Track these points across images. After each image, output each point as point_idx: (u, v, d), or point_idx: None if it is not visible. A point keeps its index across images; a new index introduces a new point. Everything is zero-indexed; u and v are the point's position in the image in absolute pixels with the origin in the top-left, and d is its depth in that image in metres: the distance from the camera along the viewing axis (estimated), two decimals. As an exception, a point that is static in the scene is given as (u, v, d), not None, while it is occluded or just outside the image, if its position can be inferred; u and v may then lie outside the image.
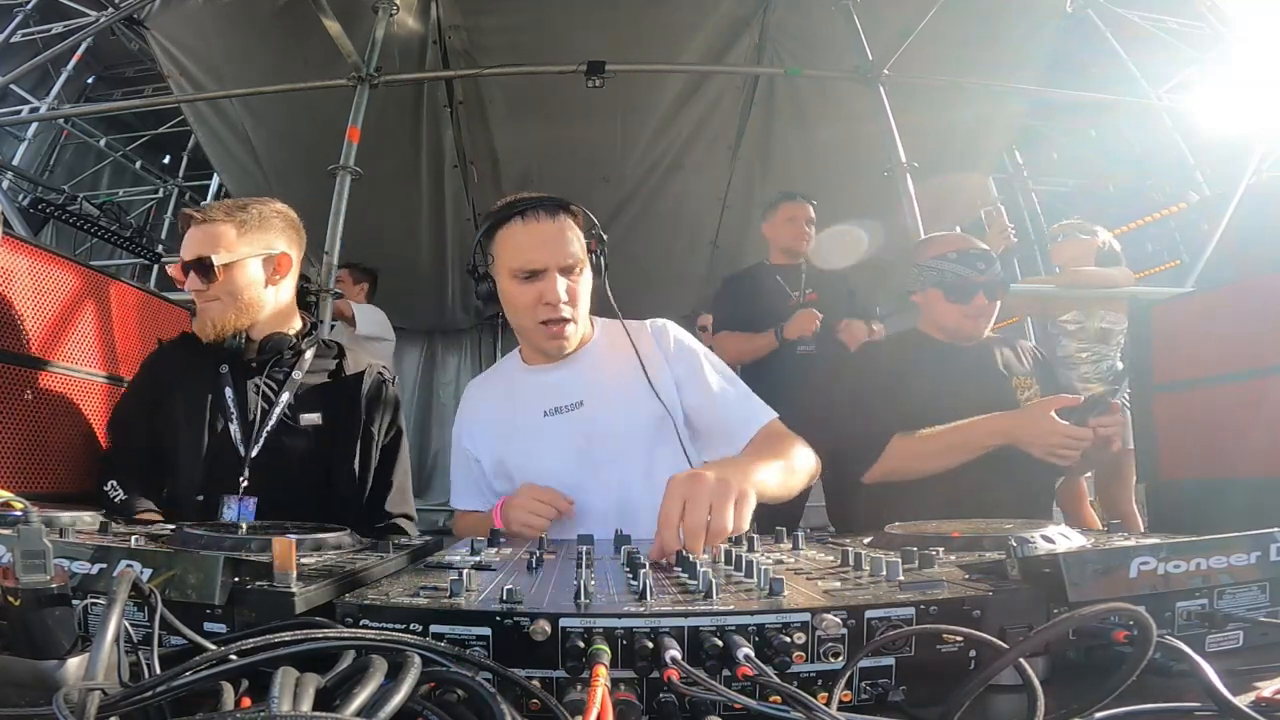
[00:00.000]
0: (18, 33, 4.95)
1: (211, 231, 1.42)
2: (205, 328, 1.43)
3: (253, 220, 1.46)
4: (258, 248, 1.45)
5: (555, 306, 1.26)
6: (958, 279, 1.67)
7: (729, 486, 0.86)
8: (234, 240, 1.42)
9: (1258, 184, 3.73)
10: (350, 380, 1.52)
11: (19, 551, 0.47)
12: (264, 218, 1.48)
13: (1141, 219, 6.08)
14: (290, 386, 1.47)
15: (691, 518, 0.82)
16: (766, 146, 4.47)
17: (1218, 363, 1.57)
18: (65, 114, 5.86)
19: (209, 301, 1.42)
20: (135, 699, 0.42)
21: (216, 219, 1.43)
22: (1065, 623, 0.53)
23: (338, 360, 1.56)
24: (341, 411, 1.49)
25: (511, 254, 1.27)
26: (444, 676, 0.48)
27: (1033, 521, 0.95)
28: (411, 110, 4.15)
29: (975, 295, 1.66)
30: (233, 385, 1.44)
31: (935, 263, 1.70)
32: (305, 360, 1.51)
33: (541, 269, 1.25)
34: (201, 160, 5.93)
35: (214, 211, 1.44)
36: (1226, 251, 3.52)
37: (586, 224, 1.32)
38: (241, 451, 1.41)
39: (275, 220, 1.50)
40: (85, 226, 4.98)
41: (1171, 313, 1.77)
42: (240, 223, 1.44)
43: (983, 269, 1.66)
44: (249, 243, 1.44)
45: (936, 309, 1.72)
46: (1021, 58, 4.03)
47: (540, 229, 1.25)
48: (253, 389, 1.45)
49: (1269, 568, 0.67)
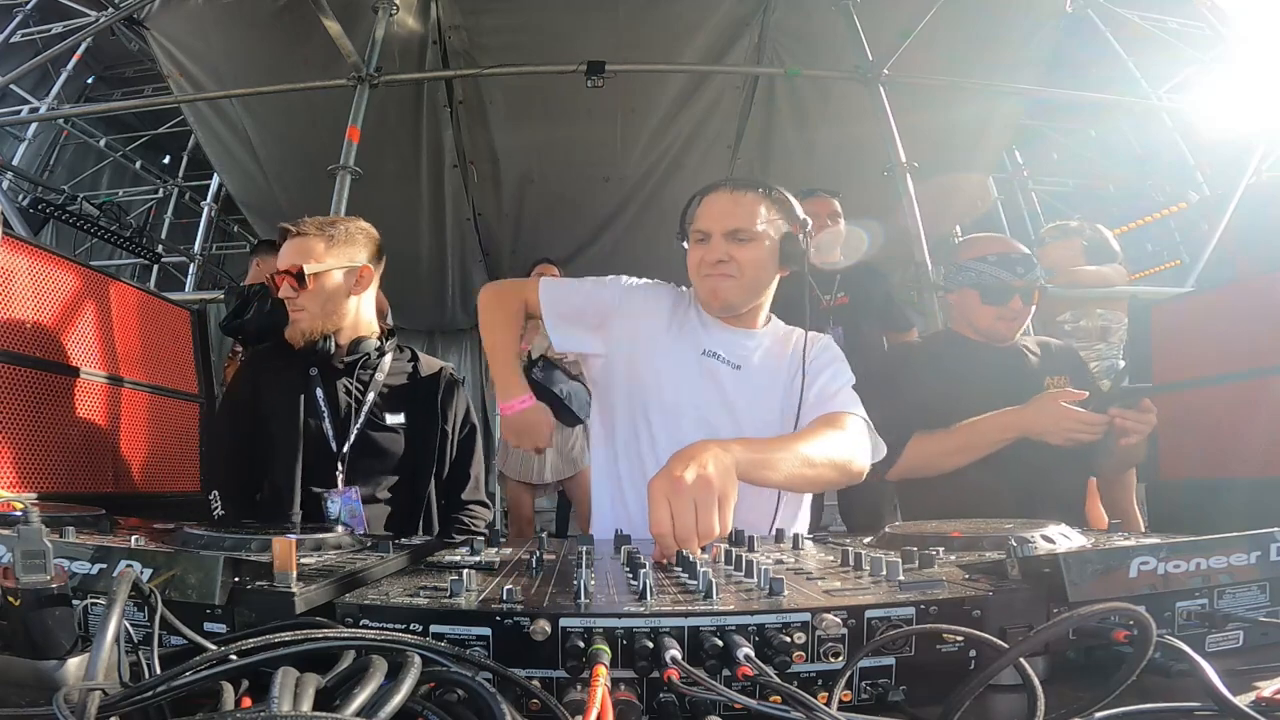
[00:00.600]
0: (18, 33, 4.95)
1: (304, 245, 1.56)
2: (296, 335, 1.57)
3: (340, 235, 1.60)
4: (343, 260, 1.59)
5: (712, 265, 1.34)
6: (996, 281, 1.67)
7: (710, 488, 0.87)
8: (323, 252, 1.56)
9: (1258, 184, 3.72)
10: (426, 381, 1.67)
11: (19, 551, 0.47)
12: (349, 234, 1.62)
13: (1141, 219, 6.07)
14: (375, 387, 1.60)
15: (680, 524, 0.84)
16: (766, 146, 4.46)
17: (1217, 363, 1.57)
18: (65, 114, 5.85)
19: (299, 311, 1.56)
20: (135, 699, 0.42)
21: (309, 233, 1.57)
22: (1065, 623, 0.53)
23: (413, 363, 1.70)
24: (420, 410, 1.64)
25: (694, 219, 1.39)
26: (444, 676, 0.48)
27: (1033, 521, 0.95)
28: (411, 110, 4.14)
29: (1011, 299, 1.67)
30: (323, 386, 1.57)
31: (974, 264, 1.71)
32: (386, 363, 1.63)
33: (708, 232, 1.35)
34: (201, 160, 5.92)
35: (306, 227, 1.59)
36: (1226, 251, 3.52)
37: (785, 210, 1.39)
38: (335, 447, 1.53)
39: (359, 236, 1.64)
40: (85, 226, 4.98)
41: (1171, 313, 1.77)
42: (329, 237, 1.58)
43: (1021, 273, 1.66)
44: (335, 255, 1.58)
45: (971, 310, 1.73)
46: (1021, 58, 4.03)
47: (721, 199, 1.36)
48: (342, 389, 1.58)
49: (1269, 568, 0.67)
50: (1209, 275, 3.56)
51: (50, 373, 1.54)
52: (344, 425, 1.55)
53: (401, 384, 1.64)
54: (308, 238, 1.57)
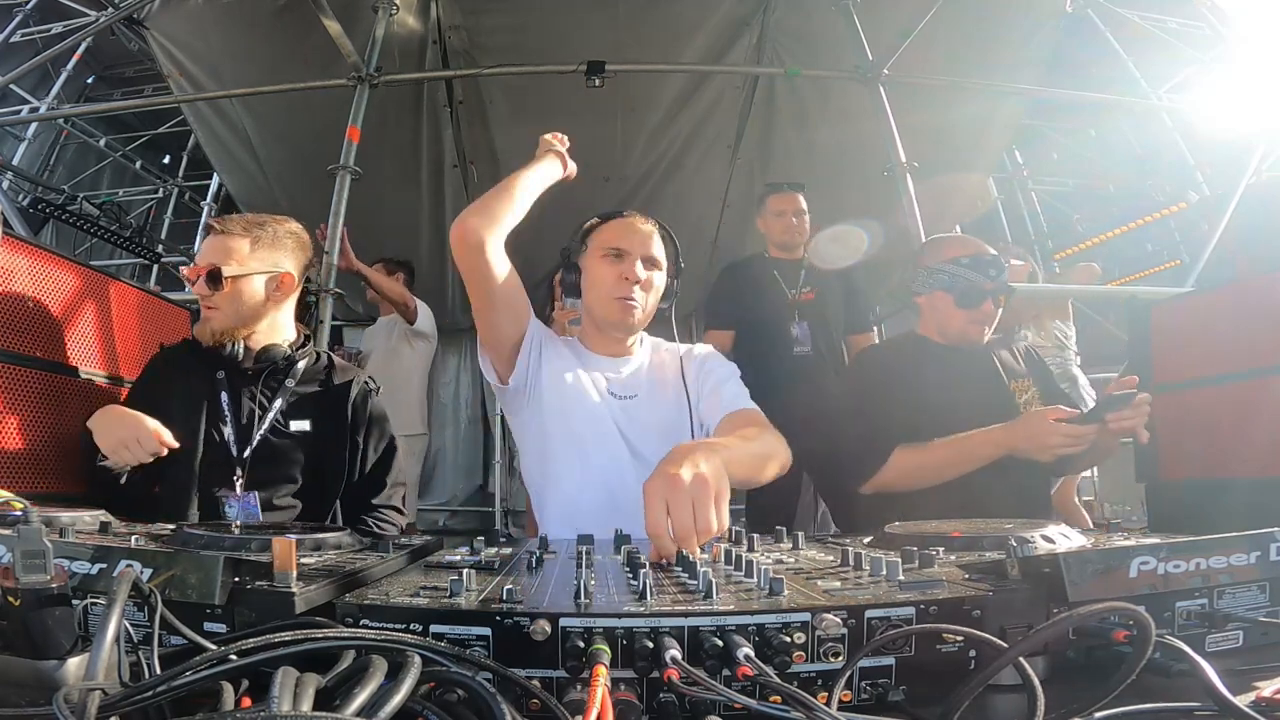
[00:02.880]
0: (18, 33, 4.95)
1: (226, 244, 1.51)
2: (206, 334, 1.51)
3: (266, 238, 1.54)
4: (265, 265, 1.54)
5: (631, 284, 1.42)
6: (969, 285, 1.65)
7: (706, 486, 0.87)
8: (245, 255, 1.51)
9: (1258, 184, 3.72)
10: (337, 390, 1.61)
11: (19, 551, 0.47)
12: (277, 237, 1.57)
13: (1141, 219, 6.07)
14: (283, 394, 1.55)
15: (679, 523, 0.84)
16: (766, 146, 4.46)
17: (1217, 363, 1.57)
18: (65, 114, 5.85)
19: (212, 309, 1.50)
20: (135, 699, 0.42)
21: (233, 232, 1.52)
22: (1065, 622, 0.53)
23: (327, 371, 1.64)
24: (328, 418, 1.58)
25: (603, 240, 1.47)
26: (444, 676, 0.48)
27: (1033, 521, 0.96)
28: (411, 110, 4.14)
29: (984, 302, 1.65)
30: (228, 390, 1.52)
31: (947, 266, 1.68)
32: (297, 370, 1.58)
33: (628, 250, 1.44)
34: (201, 160, 5.93)
35: (233, 225, 1.53)
36: (1226, 251, 3.52)
37: (672, 249, 1.53)
38: (235, 452, 1.49)
39: (287, 240, 1.59)
40: (85, 226, 4.99)
41: (1171, 313, 1.77)
42: (255, 239, 1.53)
43: (994, 275, 1.64)
44: (258, 259, 1.53)
45: (942, 313, 1.71)
46: (1021, 58, 4.02)
47: (633, 223, 1.48)
48: (247, 395, 1.53)
49: (1269, 568, 0.67)
50: (1209, 275, 3.56)
51: (50, 373, 1.54)
52: (246, 431, 1.50)
53: (311, 391, 1.59)
54: (231, 236, 1.51)
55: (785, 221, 2.91)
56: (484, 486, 5.57)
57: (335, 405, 1.60)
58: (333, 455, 1.56)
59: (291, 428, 1.54)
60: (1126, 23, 4.30)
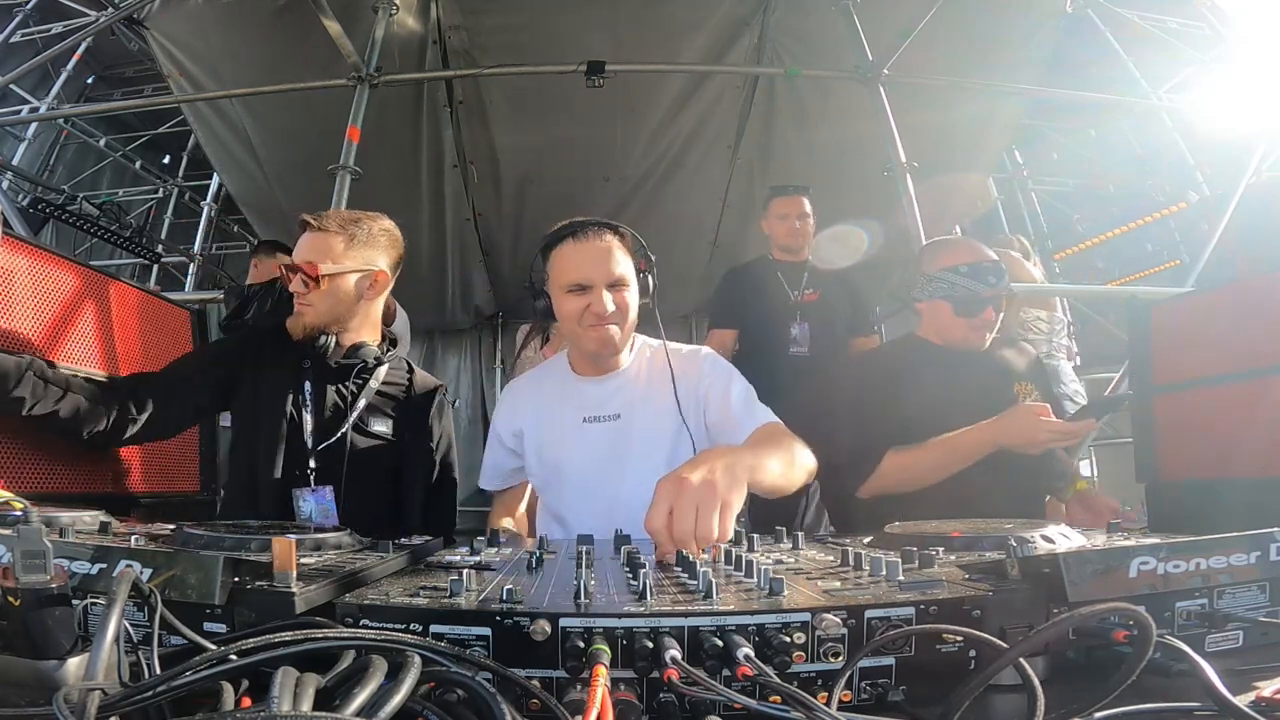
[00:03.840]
0: (18, 33, 4.95)
1: (323, 242, 1.50)
2: (299, 329, 1.51)
3: (362, 236, 1.53)
4: (360, 263, 1.53)
5: (601, 317, 1.38)
6: (968, 293, 1.64)
7: (714, 493, 0.87)
8: (341, 253, 1.50)
9: (1258, 184, 3.72)
10: (420, 398, 1.64)
11: (19, 551, 0.47)
12: (372, 235, 1.55)
13: (1141, 219, 6.07)
14: (367, 394, 1.56)
15: (679, 527, 0.84)
16: (766, 146, 4.46)
17: (1217, 363, 1.57)
18: (65, 114, 5.85)
19: (307, 306, 1.50)
20: (135, 699, 0.42)
21: (329, 229, 1.51)
22: (1065, 623, 0.53)
23: (409, 376, 1.67)
24: (410, 424, 1.61)
25: (563, 271, 1.39)
26: (444, 676, 0.48)
27: (1033, 521, 0.96)
28: (411, 110, 4.14)
29: (984, 310, 1.64)
30: (313, 381, 1.52)
31: (946, 274, 1.67)
32: (381, 372, 1.60)
33: (589, 284, 1.37)
34: (201, 160, 5.93)
35: (328, 221, 1.52)
36: (1226, 251, 3.52)
37: (635, 245, 1.44)
38: (310, 444, 1.48)
39: (382, 239, 1.58)
40: (85, 226, 4.98)
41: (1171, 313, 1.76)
42: (350, 236, 1.52)
43: (994, 283, 1.63)
44: (353, 257, 1.52)
45: (942, 320, 1.70)
46: (1021, 58, 4.02)
47: (589, 247, 1.38)
48: (333, 390, 1.54)
49: (1269, 568, 0.67)
50: (1209, 275, 3.56)
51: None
52: (326, 426, 1.50)
53: (395, 395, 1.62)
54: (328, 234, 1.51)
55: (789, 225, 2.93)
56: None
57: (417, 414, 1.62)
58: (413, 464, 1.59)
59: (373, 428, 1.55)
60: (1126, 23, 4.30)
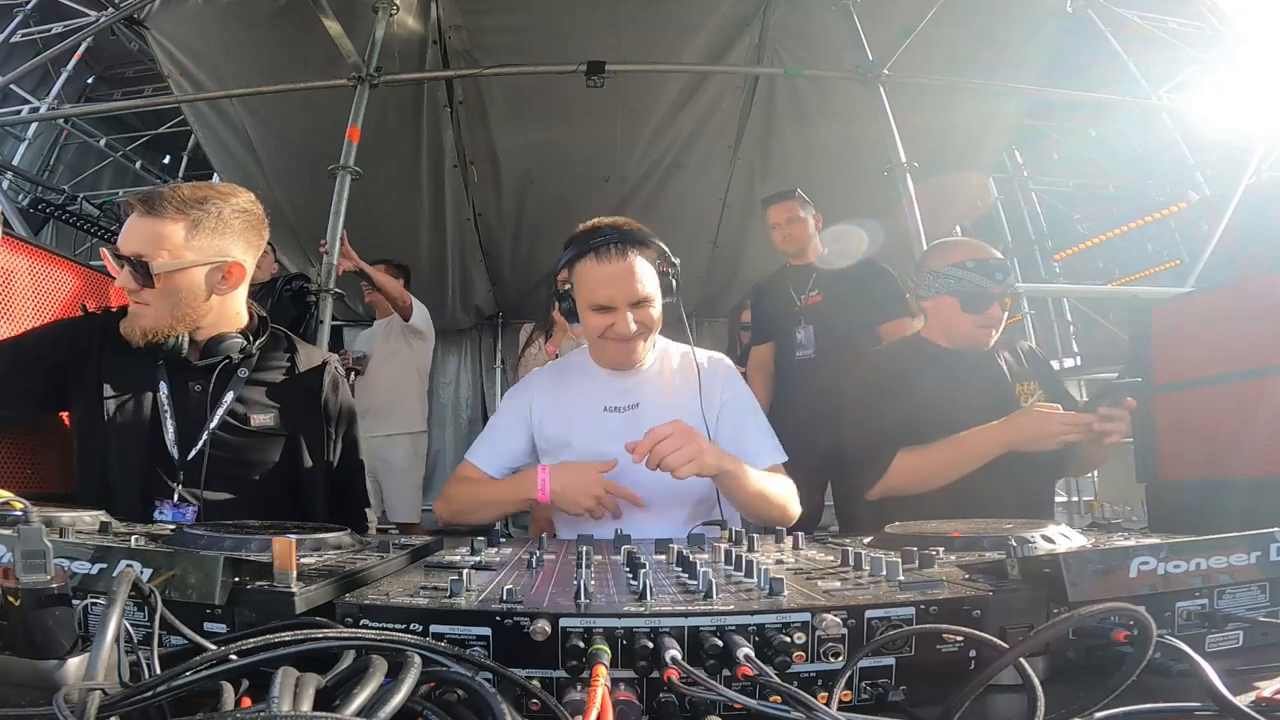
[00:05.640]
0: (18, 33, 4.95)
1: (156, 229, 1.20)
2: (135, 334, 1.25)
3: (208, 221, 1.24)
4: (207, 254, 1.24)
5: (624, 337, 1.38)
6: (975, 289, 1.65)
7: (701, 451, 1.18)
8: (180, 244, 1.22)
9: (1258, 184, 3.73)
10: (307, 377, 1.41)
11: (19, 551, 0.47)
12: (222, 219, 1.26)
13: (1141, 219, 6.07)
14: (236, 386, 1.32)
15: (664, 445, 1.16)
16: (766, 146, 4.46)
17: (1217, 363, 1.57)
18: (65, 114, 5.85)
19: (141, 306, 1.24)
20: (135, 699, 0.42)
21: (165, 214, 1.21)
22: (1065, 623, 0.53)
23: (291, 356, 1.42)
24: (300, 410, 1.38)
25: (587, 290, 1.37)
26: (444, 676, 0.48)
27: (1033, 521, 0.96)
28: (411, 110, 4.14)
29: (991, 306, 1.65)
30: (169, 382, 1.28)
31: (953, 270, 1.68)
32: (253, 359, 1.36)
33: (613, 305, 1.36)
34: (201, 160, 5.92)
35: (164, 205, 1.21)
36: (1226, 251, 3.52)
37: (658, 254, 1.40)
38: (175, 455, 1.26)
39: (235, 222, 1.29)
40: (85, 226, 4.99)
41: (1171, 313, 1.76)
42: (193, 222, 1.23)
43: (1000, 279, 1.64)
44: (197, 249, 1.23)
45: (949, 317, 1.71)
46: (1021, 58, 4.03)
47: (612, 268, 1.33)
48: (194, 389, 1.30)
49: (1269, 568, 0.67)
50: (1209, 275, 3.57)
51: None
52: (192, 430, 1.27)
53: (274, 381, 1.37)
54: (162, 220, 1.20)
55: (780, 233, 2.98)
56: (484, 486, 5.57)
57: (306, 396, 1.39)
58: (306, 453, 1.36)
59: (253, 424, 1.31)
60: (1126, 23, 4.30)
